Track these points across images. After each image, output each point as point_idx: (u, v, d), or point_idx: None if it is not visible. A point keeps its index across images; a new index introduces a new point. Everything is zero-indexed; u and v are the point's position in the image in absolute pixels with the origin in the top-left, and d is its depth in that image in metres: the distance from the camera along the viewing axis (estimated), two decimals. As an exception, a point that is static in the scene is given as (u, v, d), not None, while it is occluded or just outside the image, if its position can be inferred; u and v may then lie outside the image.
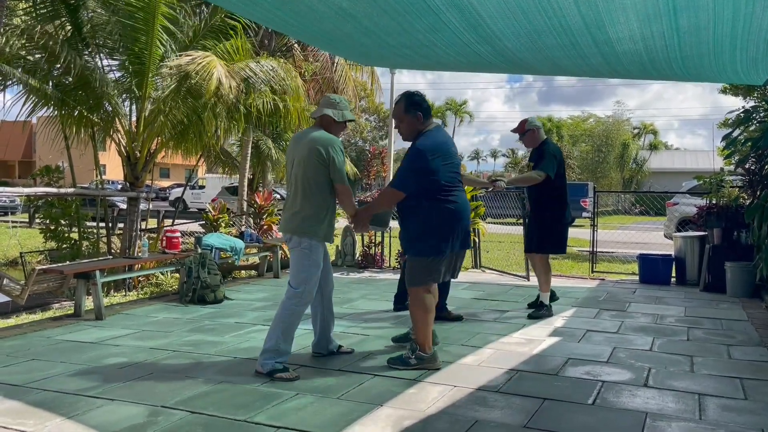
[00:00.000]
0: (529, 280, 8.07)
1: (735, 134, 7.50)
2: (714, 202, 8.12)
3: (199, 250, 6.98)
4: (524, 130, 5.91)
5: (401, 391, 3.71)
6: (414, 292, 4.14)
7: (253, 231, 9.11)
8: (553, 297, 6.12)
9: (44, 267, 6.14)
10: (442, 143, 4.13)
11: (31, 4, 8.62)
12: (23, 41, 8.41)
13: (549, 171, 5.70)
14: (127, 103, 9.14)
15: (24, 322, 5.98)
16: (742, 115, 7.64)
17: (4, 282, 6.16)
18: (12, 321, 6.31)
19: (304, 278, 4.09)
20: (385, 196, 4.42)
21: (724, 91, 14.32)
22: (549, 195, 5.80)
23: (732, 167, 8.58)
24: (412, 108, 4.18)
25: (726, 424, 3.24)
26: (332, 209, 4.18)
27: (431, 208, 4.05)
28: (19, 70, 8.43)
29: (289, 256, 4.28)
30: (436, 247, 4.06)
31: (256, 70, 9.10)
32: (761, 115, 7.45)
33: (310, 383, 3.85)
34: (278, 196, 15.89)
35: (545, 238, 5.89)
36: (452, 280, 6.01)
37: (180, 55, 8.44)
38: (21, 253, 10.60)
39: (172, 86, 8.40)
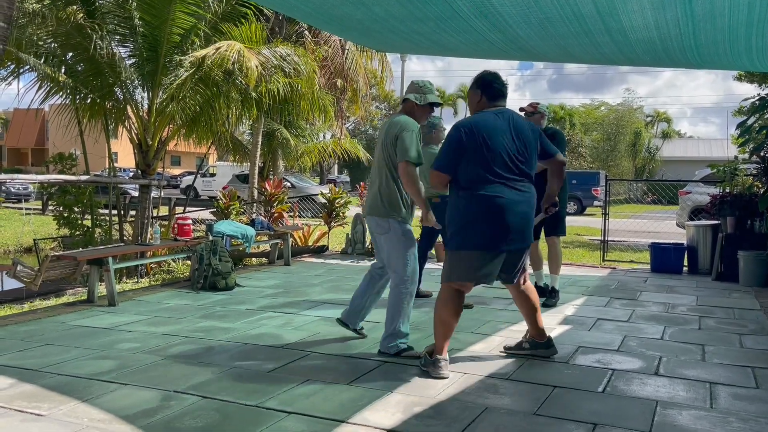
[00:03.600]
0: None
1: (750, 122, 7.43)
2: (727, 190, 8.06)
3: (211, 238, 7.02)
4: (534, 110, 5.96)
5: (411, 378, 3.72)
6: (441, 288, 3.93)
7: (263, 218, 9.15)
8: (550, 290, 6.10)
9: (58, 253, 6.19)
10: (481, 123, 3.77)
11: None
12: (35, 28, 8.43)
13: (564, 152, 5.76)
14: (139, 90, 9.16)
15: (38, 307, 6.05)
16: (757, 102, 7.56)
17: (19, 268, 6.22)
18: (26, 307, 6.40)
19: (404, 262, 4.16)
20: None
21: (739, 78, 14.18)
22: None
23: (746, 155, 8.50)
24: (475, 84, 3.97)
25: (737, 413, 3.23)
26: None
27: (464, 198, 3.79)
28: (32, 56, 8.47)
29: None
30: (467, 239, 3.78)
31: (269, 56, 9.09)
32: (777, 102, 7.37)
33: (320, 369, 3.87)
34: (288, 184, 15.92)
35: (557, 221, 5.90)
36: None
37: (215, 44, 8.40)
38: (35, 239, 10.71)
39: (187, 73, 8.39)
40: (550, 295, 5.96)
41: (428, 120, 4.92)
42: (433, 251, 8.31)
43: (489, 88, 3.92)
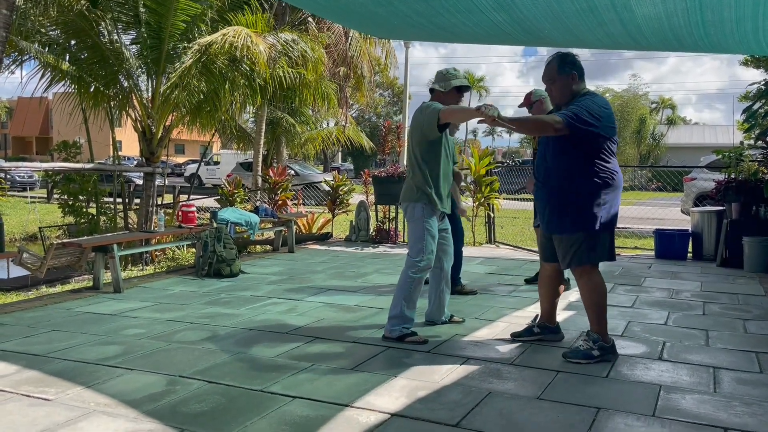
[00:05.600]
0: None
1: (755, 107, 7.39)
2: (733, 176, 8.02)
3: (215, 225, 7.03)
4: (531, 102, 5.87)
5: (415, 363, 3.74)
6: (585, 271, 3.86)
7: (267, 206, 9.16)
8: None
9: (63, 241, 6.22)
10: (609, 106, 3.77)
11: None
12: (37, 15, 8.41)
13: None
14: (143, 78, 9.15)
15: (44, 294, 6.09)
16: (763, 87, 7.52)
17: (24, 256, 6.25)
18: (32, 294, 6.43)
19: (421, 248, 4.22)
20: (536, 122, 3.97)
21: (745, 64, 14.08)
22: None
23: (752, 141, 8.44)
24: (567, 67, 3.78)
25: (741, 397, 3.23)
26: (441, 176, 4.28)
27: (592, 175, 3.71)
28: (36, 44, 8.45)
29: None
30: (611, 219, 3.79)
31: (274, 42, 9.05)
32: (783, 87, 7.32)
33: (324, 354, 3.89)
34: (292, 172, 15.93)
35: None
36: (464, 255, 6.00)
37: (221, 30, 8.36)
38: (40, 227, 10.74)
39: (191, 60, 8.36)
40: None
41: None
42: None
43: (581, 68, 3.84)
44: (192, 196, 12.56)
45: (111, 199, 10.25)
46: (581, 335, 3.97)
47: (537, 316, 4.33)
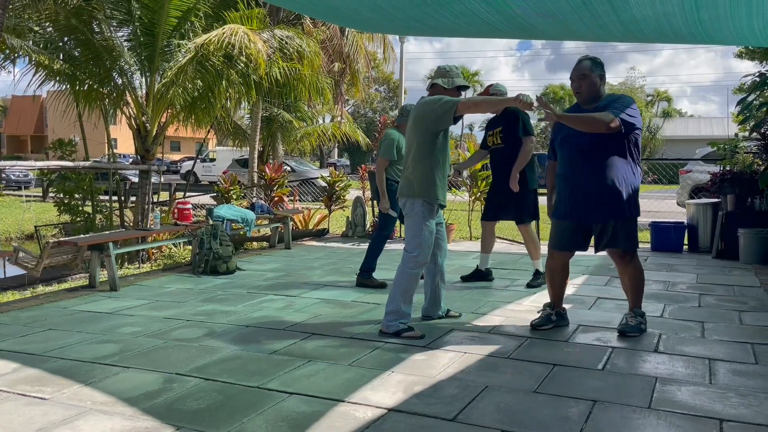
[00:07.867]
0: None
1: (750, 99, 7.40)
2: (728, 168, 8.03)
3: (211, 222, 7.03)
4: (489, 94, 5.85)
5: (412, 358, 3.74)
6: (634, 257, 4.33)
7: (263, 202, 9.15)
8: (489, 275, 6.15)
9: (59, 239, 6.20)
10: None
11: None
12: (30, 12, 8.37)
13: (533, 133, 5.79)
14: (137, 75, 9.12)
15: (40, 293, 6.08)
16: (757, 79, 7.52)
17: (20, 255, 6.23)
18: (28, 293, 6.42)
19: (419, 243, 4.22)
20: (592, 119, 3.92)
21: (739, 56, 14.12)
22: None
23: (747, 133, 8.46)
24: (598, 68, 4.08)
25: (736, 388, 3.24)
26: (441, 172, 4.28)
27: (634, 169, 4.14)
28: (30, 42, 8.41)
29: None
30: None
31: (269, 39, 9.03)
32: (777, 79, 7.32)
33: (321, 350, 3.89)
34: (288, 168, 15.90)
35: (524, 208, 5.79)
36: (461, 249, 6.04)
37: (217, 29, 8.32)
38: (36, 226, 10.73)
39: (187, 57, 8.32)
40: (534, 276, 5.94)
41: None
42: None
43: (605, 73, 4.16)
44: (188, 194, 12.54)
45: (107, 197, 10.23)
46: (626, 314, 4.32)
47: (551, 304, 4.44)
